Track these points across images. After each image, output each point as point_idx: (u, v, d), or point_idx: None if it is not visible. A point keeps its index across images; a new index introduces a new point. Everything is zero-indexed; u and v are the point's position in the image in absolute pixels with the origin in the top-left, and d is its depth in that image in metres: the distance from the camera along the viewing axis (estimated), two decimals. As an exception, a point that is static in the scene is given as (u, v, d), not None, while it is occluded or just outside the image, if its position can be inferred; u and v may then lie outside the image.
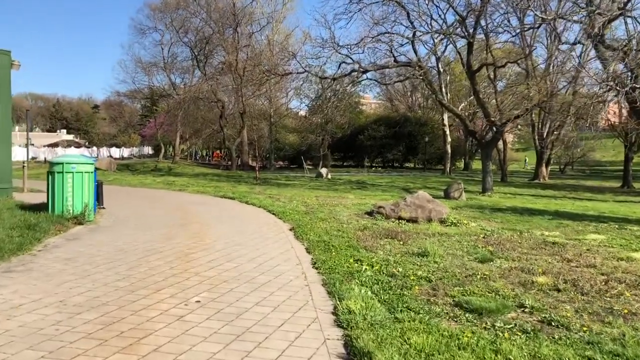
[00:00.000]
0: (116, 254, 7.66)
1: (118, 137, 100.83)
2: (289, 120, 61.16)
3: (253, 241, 9.06)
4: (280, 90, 53.47)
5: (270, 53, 36.62)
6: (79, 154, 19.27)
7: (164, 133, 63.75)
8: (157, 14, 50.91)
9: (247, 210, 14.20)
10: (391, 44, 27.60)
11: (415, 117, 61.24)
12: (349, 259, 7.52)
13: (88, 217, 10.75)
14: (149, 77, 56.55)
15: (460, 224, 12.30)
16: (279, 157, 61.97)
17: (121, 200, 16.29)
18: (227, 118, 48.15)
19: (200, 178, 31.83)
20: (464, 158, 61.67)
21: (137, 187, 23.28)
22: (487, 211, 16.12)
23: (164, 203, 15.88)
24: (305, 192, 22.32)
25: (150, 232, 9.92)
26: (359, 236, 9.74)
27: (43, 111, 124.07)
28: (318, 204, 15.63)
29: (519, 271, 7.31)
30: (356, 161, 65.46)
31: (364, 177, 39.79)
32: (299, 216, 12.43)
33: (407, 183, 33.70)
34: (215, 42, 46.61)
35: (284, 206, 14.65)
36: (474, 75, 27.30)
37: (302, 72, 27.98)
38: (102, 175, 31.78)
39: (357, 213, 13.70)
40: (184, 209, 14.08)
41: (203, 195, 19.03)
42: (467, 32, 26.51)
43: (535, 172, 42.27)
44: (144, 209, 14.14)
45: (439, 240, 9.76)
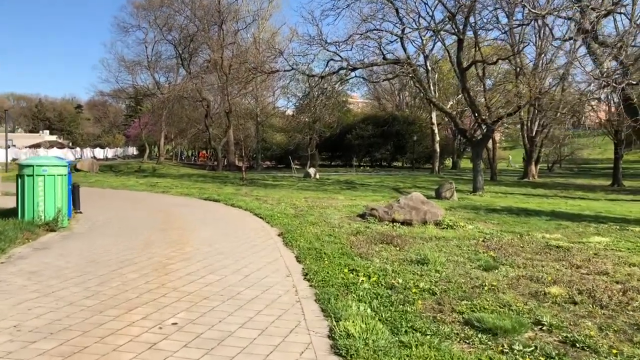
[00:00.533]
0: (87, 265, 6.96)
1: (102, 138, 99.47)
2: (276, 120, 60.38)
3: (239, 249, 8.40)
4: (266, 89, 52.68)
5: (256, 51, 35.87)
6: (51, 156, 18.42)
7: (149, 133, 62.71)
8: (141, 12, 49.86)
9: (233, 213, 13.52)
10: (380, 41, 27.06)
11: (403, 116, 60.81)
12: (343, 268, 6.90)
13: (61, 223, 10.02)
14: (133, 76, 55.44)
15: (457, 227, 11.74)
16: (266, 157, 61.15)
17: (100, 204, 15.52)
18: (212, 117, 47.29)
19: (185, 179, 31.02)
20: (452, 157, 61.35)
21: (119, 189, 22.46)
22: (482, 212, 15.60)
23: (146, 206, 15.14)
24: (294, 193, 21.67)
25: (127, 239, 9.22)
26: (352, 242, 9.11)
27: (25, 112, 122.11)
28: (307, 206, 14.99)
29: (528, 280, 6.74)
30: (344, 161, 64.85)
31: (353, 176, 39.22)
32: (288, 220, 11.78)
33: (397, 183, 33.17)
34: (200, 39, 45.70)
35: (271, 209, 13.99)
36: (464, 72, 26.80)
37: (289, 70, 27.31)
38: (84, 177, 30.90)
39: (349, 215, 13.08)
40: (166, 213, 13.36)
41: (187, 197, 18.29)
42: (457, 29, 26.03)
43: (525, 171, 41.98)
44: (123, 212, 13.40)
45: (437, 246, 9.17)
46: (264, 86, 50.31)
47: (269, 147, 58.76)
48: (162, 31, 47.27)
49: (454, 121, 27.97)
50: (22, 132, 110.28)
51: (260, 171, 47.94)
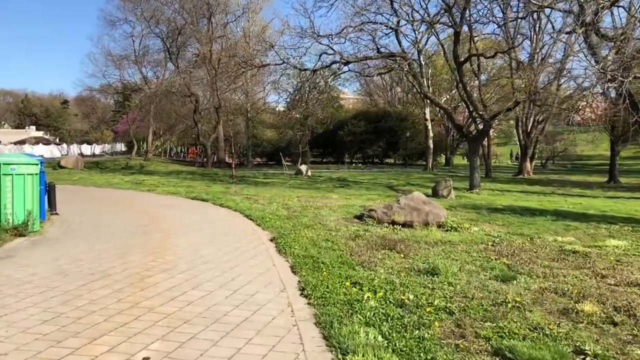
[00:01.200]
0: (53, 279, 6.09)
1: (90, 134, 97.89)
2: (266, 116, 59.47)
3: (227, 257, 7.55)
4: (257, 84, 51.74)
5: (246, 44, 34.93)
6: (20, 153, 17.44)
7: (137, 129, 61.53)
8: (128, 5, 48.66)
9: (222, 214, 12.65)
10: (374, 34, 26.23)
11: (396, 112, 60.13)
12: (344, 281, 6.08)
13: (32, 226, 9.13)
14: (120, 70, 54.24)
15: (461, 229, 10.99)
16: (257, 153, 60.25)
17: (80, 204, 14.61)
18: (201, 113, 46.25)
19: (173, 176, 30.06)
20: (446, 153, 60.70)
21: (103, 187, 21.48)
22: (484, 212, 14.85)
23: (128, 206, 14.23)
24: (286, 191, 20.83)
25: (104, 244, 8.35)
26: (351, 248, 8.30)
27: (12, 107, 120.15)
28: (301, 206, 14.16)
29: (553, 293, 5.98)
30: (335, 157, 64.06)
31: (345, 173, 38.46)
32: (281, 222, 10.94)
33: (390, 180, 32.45)
34: (188, 33, 44.62)
35: (263, 209, 13.14)
36: (461, 66, 26.07)
37: (280, 64, 26.40)
38: (67, 175, 29.86)
39: (345, 217, 12.26)
40: (149, 214, 12.47)
41: (174, 196, 17.37)
42: (454, 21, 25.30)
43: (520, 167, 41.39)
44: (103, 213, 12.50)
45: (445, 251, 8.40)
46: (254, 81, 49.33)
47: (260, 143, 57.85)
48: (150, 24, 46.12)
49: (450, 117, 27.23)
50: (9, 128, 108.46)
51: (251, 168, 47.04)
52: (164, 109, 49.61)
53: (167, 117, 54.21)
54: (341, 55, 26.04)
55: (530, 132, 39.72)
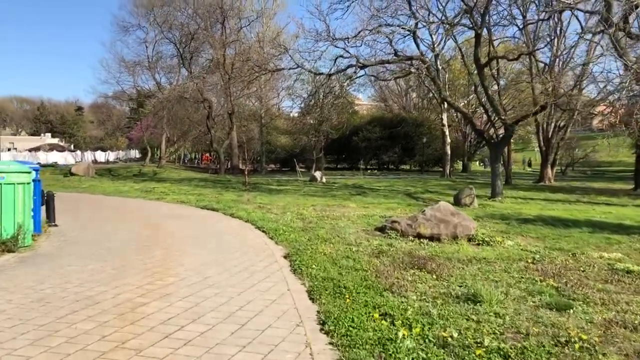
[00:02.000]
0: (31, 307, 5.22)
1: (105, 141, 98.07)
2: (280, 122, 58.79)
3: (235, 279, 6.63)
4: (271, 90, 51.08)
5: (260, 49, 34.17)
6: (10, 160, 16.71)
7: (151, 136, 61.15)
8: (141, 10, 48.28)
9: (232, 226, 11.75)
10: (392, 36, 25.29)
11: (412, 118, 59.13)
12: (372, 311, 5.14)
13: (22, 241, 8.31)
14: (134, 77, 53.82)
15: (494, 243, 9.99)
16: (270, 159, 59.52)
17: (83, 214, 13.83)
18: (215, 119, 45.58)
19: (185, 184, 29.31)
20: (463, 159, 59.45)
21: (111, 195, 20.74)
22: (514, 222, 13.80)
23: (134, 217, 13.40)
24: (300, 199, 19.92)
25: (99, 263, 7.49)
26: (376, 267, 7.35)
27: (29, 114, 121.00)
28: (317, 217, 13.23)
29: (622, 328, 4.99)
30: (350, 163, 63.14)
31: (361, 180, 37.49)
32: (296, 235, 10.02)
33: (408, 187, 31.42)
34: (202, 38, 44.02)
35: (276, 220, 12.23)
36: (482, 69, 25.02)
37: (295, 68, 25.56)
38: (78, 182, 29.25)
39: (365, 229, 11.30)
40: (154, 226, 11.61)
41: (183, 205, 16.54)
42: (474, 23, 24.29)
43: (540, 174, 40.08)
44: (106, 225, 11.68)
45: (481, 271, 7.42)
46: (268, 87, 48.64)
47: (274, 149, 57.11)
48: (162, 30, 45.65)
49: (470, 122, 26.18)
50: (25, 135, 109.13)
51: (265, 174, 46.27)
52: (177, 115, 49.09)
53: (180, 123, 53.72)
54: (357, 58, 25.16)
55: (551, 138, 38.46)
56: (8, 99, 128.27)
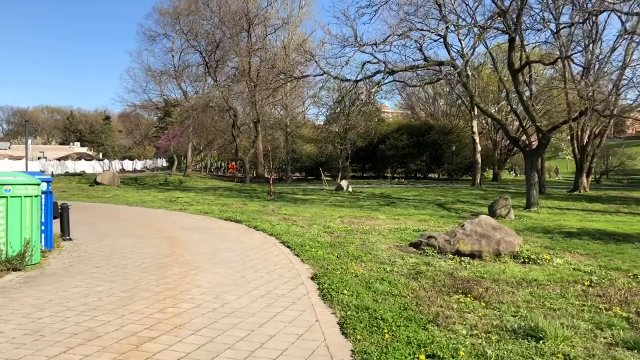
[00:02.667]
0: (21, 341, 4.53)
1: (133, 150, 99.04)
2: (306, 130, 58.29)
3: (256, 305, 5.86)
4: (296, 98, 50.64)
5: (285, 56, 33.66)
6: (19, 171, 16.22)
7: (177, 144, 61.23)
8: (167, 19, 48.40)
9: (255, 240, 11.02)
10: (422, 41, 24.43)
11: (440, 125, 58.01)
12: (416, 351, 4.31)
13: (30, 258, 7.70)
14: (160, 86, 53.98)
15: (541, 261, 9.07)
16: (296, 168, 58.99)
17: (102, 226, 13.27)
18: (240, 128, 45.21)
19: (210, 193, 28.81)
20: (493, 168, 57.96)
21: (134, 205, 20.27)
22: (558, 236, 12.79)
23: (154, 229, 12.78)
24: (327, 210, 19.17)
25: (108, 284, 6.81)
26: (415, 291, 6.52)
27: (59, 124, 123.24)
28: (345, 230, 12.42)
29: None
30: (376, 172, 62.21)
31: (388, 189, 36.60)
32: (323, 251, 9.23)
33: (437, 197, 30.41)
34: (227, 47, 43.79)
35: (302, 234, 11.45)
36: (516, 74, 23.98)
37: (321, 75, 24.90)
38: (102, 192, 29.01)
39: (399, 244, 10.46)
40: (173, 239, 10.95)
41: (206, 216, 15.90)
42: (508, 26, 23.29)
43: (575, 183, 38.57)
44: (123, 238, 11.06)
45: (534, 296, 6.54)
46: (293, 95, 48.19)
47: (299, 158, 56.59)
48: (188, 38, 45.58)
49: (504, 129, 25.12)
50: (55, 145, 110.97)
51: (290, 183, 45.69)
52: (203, 124, 48.89)
53: (206, 132, 53.57)
54: (385, 64, 24.37)
55: (586, 145, 37.00)
56: (39, 109, 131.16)
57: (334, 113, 30.01)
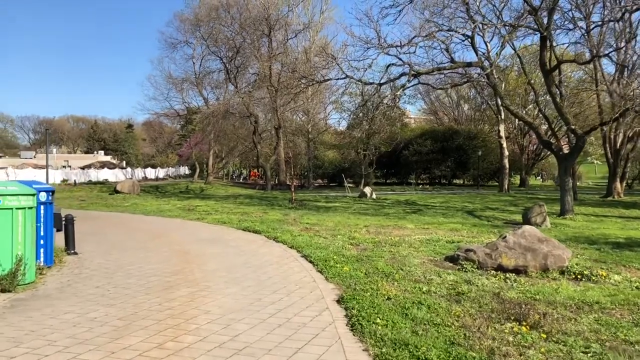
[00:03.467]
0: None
1: (155, 158, 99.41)
2: (328, 136, 57.47)
3: (272, 338, 4.92)
4: (318, 104, 49.88)
5: (307, 60, 32.86)
6: (10, 181, 15.48)
7: (199, 152, 60.94)
8: (187, 26, 48.06)
9: (274, 253, 10.09)
10: (448, 42, 23.37)
11: (464, 130, 56.67)
12: (476, 409, 3.35)
13: (23, 277, 6.90)
14: (182, 93, 53.65)
15: (596, 277, 7.99)
16: (318, 175, 58.14)
17: (112, 237, 12.51)
18: (261, 134, 44.54)
19: (230, 201, 28.06)
20: (520, 173, 56.33)
21: (151, 214, 19.55)
22: (605, 247, 11.61)
23: (167, 241, 11.94)
24: (351, 218, 18.19)
25: (104, 308, 5.96)
26: (460, 318, 5.52)
27: (84, 133, 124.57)
28: (372, 241, 11.42)
29: None
30: (399, 178, 61.06)
31: (413, 196, 35.47)
32: (349, 267, 8.27)
33: (465, 204, 29.22)
34: (248, 52, 43.20)
35: (325, 246, 10.50)
36: (548, 75, 22.77)
37: (343, 78, 23.98)
38: (122, 200, 28.48)
39: (433, 258, 9.44)
40: (185, 253, 10.09)
41: (223, 227, 15.04)
42: (540, 24, 22.14)
43: (609, 188, 36.97)
44: (132, 252, 10.25)
45: (602, 324, 5.51)
46: (315, 100, 47.42)
47: (321, 164, 55.74)
48: (208, 44, 45.14)
49: (536, 132, 23.89)
50: (80, 153, 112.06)
51: (312, 190, 44.82)
52: (224, 131, 48.38)
53: (227, 139, 53.13)
54: (410, 66, 23.38)
55: (619, 149, 35.42)
56: (65, 119, 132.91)
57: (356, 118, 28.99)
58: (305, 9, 50.16)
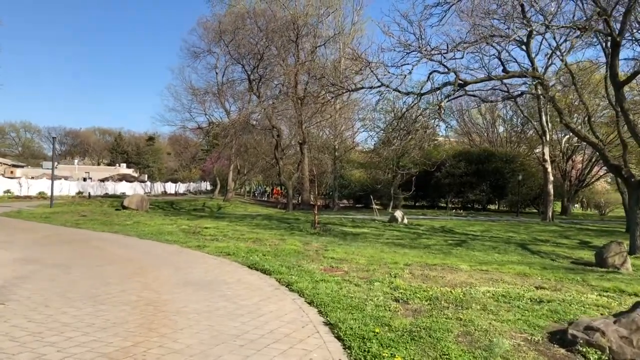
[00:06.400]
0: None
1: (178, 172, 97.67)
2: (355, 155, 54.43)
3: None
4: (346, 120, 46.94)
5: (335, 70, 29.92)
6: None
7: (221, 167, 58.44)
8: (211, 34, 45.69)
9: (285, 316, 6.76)
10: (501, 47, 20.20)
11: (501, 153, 53.10)
12: None
13: None
14: (204, 105, 51.18)
15: None
16: (343, 195, 54.95)
17: (74, 274, 9.41)
18: (284, 150, 41.58)
19: (245, 222, 24.98)
20: (562, 201, 52.24)
21: (146, 237, 16.47)
22: None
23: (139, 285, 8.67)
24: (385, 251, 14.91)
25: None
26: None
27: (109, 145, 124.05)
28: (424, 294, 8.09)
29: None
30: (429, 201, 57.59)
31: (448, 222, 32.08)
32: (405, 354, 5.03)
33: (509, 233, 25.72)
34: (274, 62, 40.50)
35: (359, 305, 7.18)
36: (621, 87, 19.34)
37: (378, 87, 20.88)
38: (125, 217, 25.58)
39: (530, 336, 6.07)
40: (155, 311, 6.83)
41: (226, 260, 11.82)
42: (610, 28, 18.82)
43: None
44: (81, 304, 7.14)
45: None
46: (343, 116, 44.51)
47: (347, 184, 52.56)
48: (230, 49, 42.59)
49: (602, 154, 20.36)
50: (103, 165, 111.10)
51: (337, 211, 41.59)
52: (245, 145, 45.67)
53: (249, 154, 50.51)
54: (456, 74, 20.18)
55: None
56: (91, 130, 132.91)
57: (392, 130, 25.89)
58: (336, 20, 47.61)
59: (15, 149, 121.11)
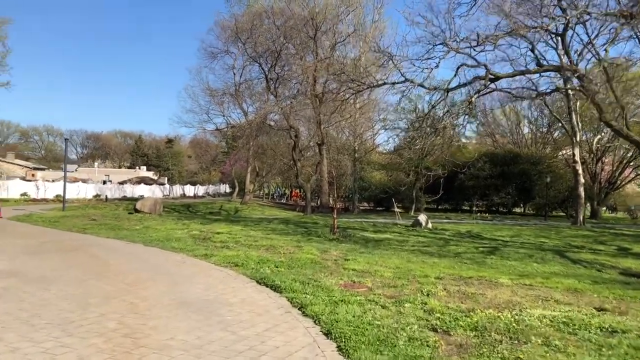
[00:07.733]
0: None
1: (198, 175, 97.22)
2: (375, 156, 52.96)
3: None
4: (366, 122, 45.54)
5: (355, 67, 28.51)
6: None
7: (240, 169, 57.48)
8: (229, 34, 44.66)
9: (294, 354, 5.37)
10: (536, 40, 18.62)
11: (527, 154, 51.21)
12: None
13: None
14: (222, 106, 50.14)
15: None
16: (363, 197, 53.45)
17: (54, 291, 8.17)
18: (302, 151, 40.27)
19: (261, 227, 23.69)
20: (592, 204, 50.09)
21: (152, 244, 15.25)
22: None
23: (126, 305, 7.34)
24: (412, 261, 13.46)
25: None
26: None
27: (130, 148, 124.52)
28: (466, 321, 6.63)
29: None
30: (452, 204, 55.82)
31: (474, 226, 30.39)
32: None
33: (540, 238, 24.00)
34: (291, 60, 39.26)
35: (388, 336, 5.76)
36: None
37: (402, 82, 19.47)
38: (136, 221, 24.46)
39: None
40: (133, 346, 5.55)
41: (232, 272, 10.45)
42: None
43: None
44: (44, 336, 5.87)
45: None
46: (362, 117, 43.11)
47: (367, 186, 51.06)
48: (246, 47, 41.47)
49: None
50: (124, 168, 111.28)
51: (357, 214, 40.14)
52: (263, 146, 44.53)
53: (266, 155, 49.39)
54: (487, 68, 18.69)
55: None
56: (112, 134, 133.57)
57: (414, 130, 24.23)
58: (356, 18, 46.18)
59: (39, 152, 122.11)
